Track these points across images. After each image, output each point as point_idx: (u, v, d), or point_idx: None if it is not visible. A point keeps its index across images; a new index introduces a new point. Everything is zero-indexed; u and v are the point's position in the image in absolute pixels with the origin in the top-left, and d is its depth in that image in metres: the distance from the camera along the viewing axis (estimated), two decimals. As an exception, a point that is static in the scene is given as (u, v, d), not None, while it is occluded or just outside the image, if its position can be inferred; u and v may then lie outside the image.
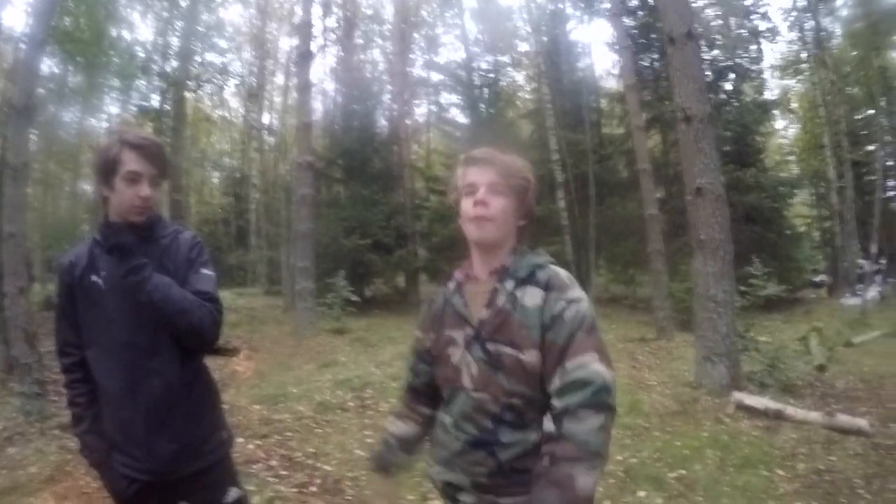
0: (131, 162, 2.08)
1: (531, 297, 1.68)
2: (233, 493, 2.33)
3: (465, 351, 1.74)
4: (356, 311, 13.66)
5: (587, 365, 1.57)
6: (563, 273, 1.74)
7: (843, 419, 5.62)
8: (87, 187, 20.30)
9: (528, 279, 1.71)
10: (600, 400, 1.55)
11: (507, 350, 1.66)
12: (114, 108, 20.65)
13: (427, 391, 1.98)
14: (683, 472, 4.64)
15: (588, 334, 1.62)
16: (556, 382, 1.60)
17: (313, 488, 4.43)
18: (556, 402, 1.58)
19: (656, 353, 10.16)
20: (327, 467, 4.84)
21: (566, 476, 1.49)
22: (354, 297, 13.55)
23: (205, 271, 2.25)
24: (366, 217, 16.82)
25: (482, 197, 1.72)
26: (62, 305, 2.23)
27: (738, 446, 5.14)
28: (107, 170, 2.10)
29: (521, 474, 1.66)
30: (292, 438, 5.49)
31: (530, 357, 1.64)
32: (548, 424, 1.60)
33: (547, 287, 1.68)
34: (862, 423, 5.51)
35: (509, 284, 1.72)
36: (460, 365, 1.75)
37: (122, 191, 2.09)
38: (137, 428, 2.11)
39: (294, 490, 4.17)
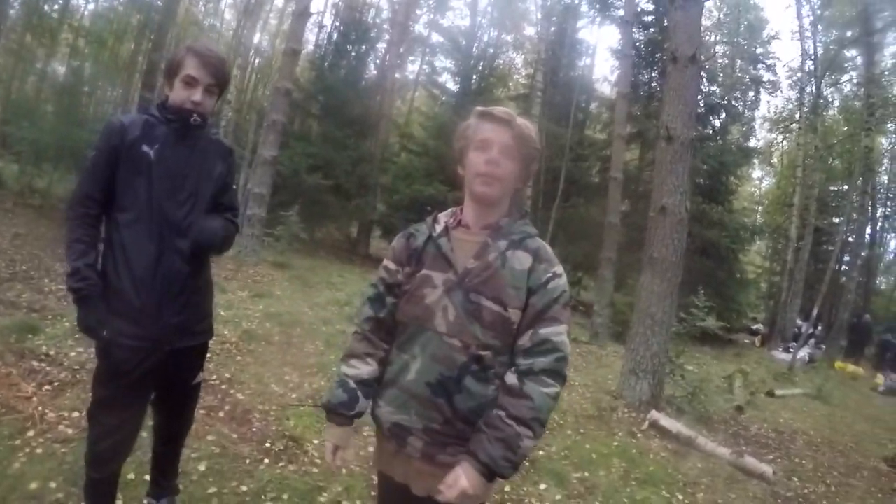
0: (191, 67, 2.30)
1: (520, 261, 1.77)
2: (200, 376, 2.69)
3: (445, 294, 1.77)
4: (302, 250, 13.50)
5: (558, 335, 1.73)
6: (548, 247, 1.85)
7: (750, 461, 5.72)
8: (61, 67, 19.41)
9: (519, 243, 1.79)
10: (561, 369, 1.73)
11: (491, 304, 1.73)
12: (104, -9, 19.75)
13: (391, 326, 1.95)
14: (587, 474, 4.68)
15: (563, 308, 1.77)
16: (525, 342, 1.73)
17: (221, 414, 4.35)
18: (522, 361, 1.72)
19: (585, 356, 10.25)
20: (240, 395, 4.76)
21: (515, 436, 1.66)
22: (303, 235, 13.35)
23: (233, 185, 2.64)
24: (333, 158, 16.51)
25: (495, 157, 1.77)
26: (98, 162, 2.31)
27: (645, 462, 5.20)
28: (170, 71, 2.36)
29: (471, 426, 1.73)
30: (210, 360, 5.33)
31: (513, 315, 1.73)
32: (510, 377, 1.73)
33: (536, 256, 1.78)
34: (766, 469, 5.62)
35: (502, 244, 1.79)
36: (435, 307, 1.77)
37: (178, 91, 2.33)
38: (152, 295, 2.31)
39: (202, 412, 4.05)
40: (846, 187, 23.53)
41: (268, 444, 4.00)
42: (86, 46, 19.75)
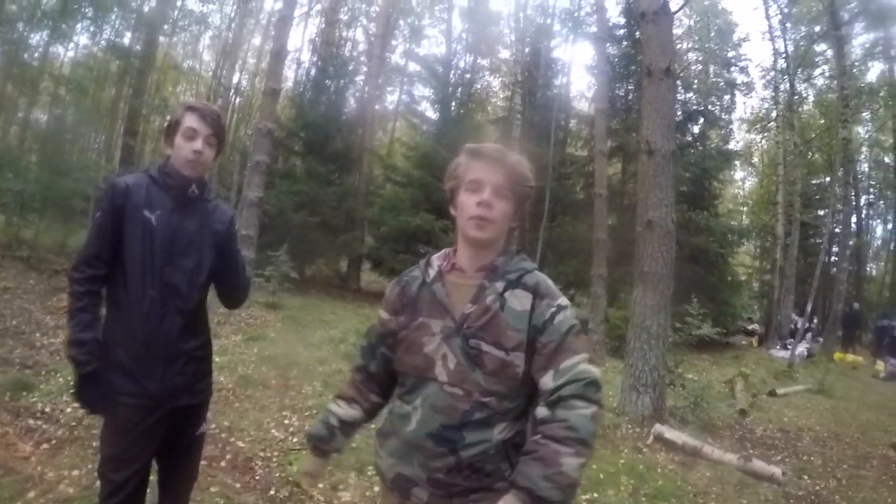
0: (190, 121, 2.40)
1: (519, 300, 1.71)
2: (203, 427, 2.72)
3: (443, 342, 1.71)
4: (293, 289, 13.44)
5: (578, 364, 1.64)
6: (548, 280, 1.78)
7: (758, 465, 5.73)
8: (42, 116, 19.47)
9: (517, 282, 1.73)
10: (591, 394, 1.61)
11: (492, 349, 1.66)
12: (83, 39, 19.82)
13: (381, 378, 1.94)
14: (596, 495, 4.66)
15: (576, 338, 1.69)
16: (548, 382, 1.63)
17: (223, 463, 4.31)
18: (550, 397, 1.61)
19: None
20: (241, 443, 4.71)
21: (552, 453, 1.53)
22: (294, 274, 13.31)
23: (238, 247, 2.72)
24: (318, 195, 16.51)
25: (487, 199, 1.71)
26: (104, 222, 2.37)
27: (653, 477, 5.20)
28: (169, 130, 2.46)
29: (478, 474, 1.67)
30: (209, 409, 5.33)
31: (514, 359, 1.66)
32: (540, 410, 1.63)
33: (536, 293, 1.71)
34: (776, 470, 5.63)
35: (499, 285, 1.73)
36: (434, 356, 1.72)
37: (180, 146, 2.41)
38: (155, 357, 2.36)
39: (203, 462, 4.02)
40: (828, 179, 23.75)
41: (272, 492, 3.96)
42: (67, 94, 19.82)
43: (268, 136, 12.22)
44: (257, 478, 4.17)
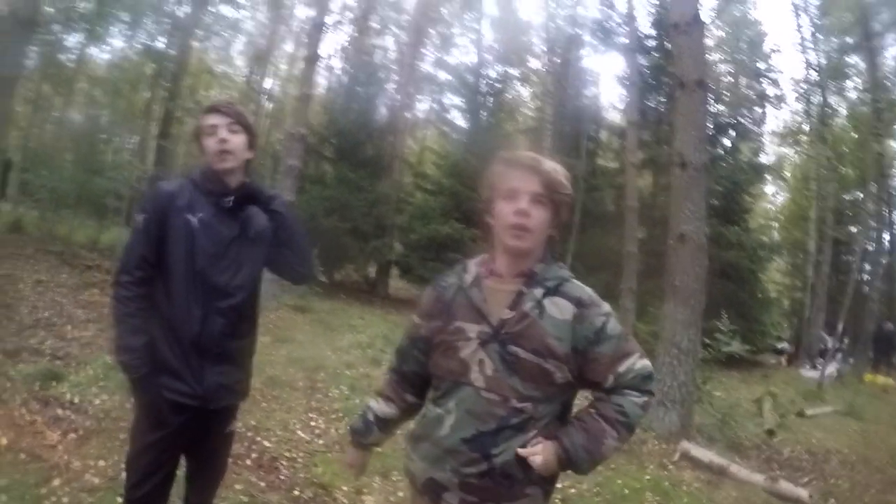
0: (209, 119, 2.47)
1: (560, 309, 1.73)
2: (233, 424, 2.78)
3: (480, 347, 1.72)
4: (322, 293, 13.54)
5: (634, 364, 1.75)
6: (587, 288, 1.81)
7: (785, 486, 5.63)
8: (77, 116, 19.86)
9: (556, 290, 1.75)
10: (645, 386, 1.76)
11: (531, 356, 1.67)
12: (118, 42, 20.21)
13: (415, 379, 1.98)
14: (621, 510, 4.61)
15: (627, 340, 1.78)
16: (610, 383, 1.74)
17: (248, 461, 4.33)
18: (608, 386, 1.75)
19: None
20: (266, 443, 4.75)
21: (600, 430, 1.70)
22: (323, 278, 13.41)
23: (292, 222, 2.68)
24: (349, 201, 16.63)
25: (524, 207, 1.71)
26: (148, 226, 2.43)
27: (678, 495, 5.14)
28: (196, 136, 2.54)
29: (509, 480, 1.69)
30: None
31: (552, 366, 1.68)
32: (597, 394, 1.79)
33: (579, 303, 1.74)
34: (802, 493, 5.53)
35: (537, 291, 1.74)
36: (470, 360, 1.72)
37: (207, 145, 2.46)
38: (195, 358, 2.41)
39: (229, 459, 4.06)
40: (861, 195, 23.29)
41: (296, 492, 3.99)
42: (102, 95, 20.16)
43: (300, 141, 12.35)
44: (282, 477, 4.20)
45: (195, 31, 19.54)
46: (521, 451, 1.67)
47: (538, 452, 1.67)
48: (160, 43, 19.36)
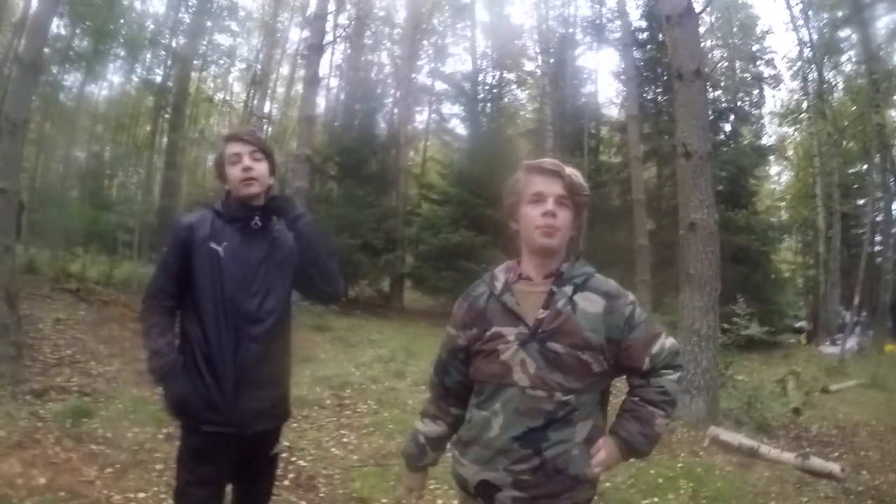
0: (231, 148, 2.49)
1: (591, 303, 1.83)
2: (279, 447, 2.77)
3: (520, 348, 1.79)
4: (338, 311, 13.60)
5: (664, 343, 1.87)
6: (612, 281, 1.93)
7: (816, 462, 5.65)
8: (81, 154, 20.07)
9: (584, 285, 1.85)
10: (676, 362, 1.88)
11: (570, 350, 1.76)
12: (116, 78, 20.45)
13: (459, 390, 2.03)
14: (656, 499, 4.67)
15: (652, 323, 1.91)
16: (645, 364, 1.84)
17: (286, 482, 4.37)
18: (645, 369, 1.85)
19: None
20: (302, 462, 4.80)
21: (649, 414, 1.82)
22: (339, 296, 13.46)
23: (317, 237, 2.63)
24: (357, 217, 16.79)
25: (552, 209, 1.82)
26: (168, 259, 2.50)
27: (712, 480, 5.16)
28: (219, 165, 2.57)
29: (561, 475, 1.76)
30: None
31: (590, 358, 1.77)
32: (635, 380, 1.89)
33: (607, 296, 1.85)
34: (834, 467, 5.54)
35: (567, 289, 1.83)
36: (511, 362, 1.79)
37: (231, 173, 2.48)
38: (228, 385, 2.40)
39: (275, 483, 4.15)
40: (866, 167, 23.25)
41: (338, 509, 4.03)
42: (104, 131, 20.29)
43: (306, 161, 12.47)
44: (321, 495, 4.25)
45: (192, 61, 19.65)
46: (593, 462, 1.81)
47: (601, 449, 1.82)
48: (158, 75, 19.56)
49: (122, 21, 15.42)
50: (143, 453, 4.44)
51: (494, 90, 23.92)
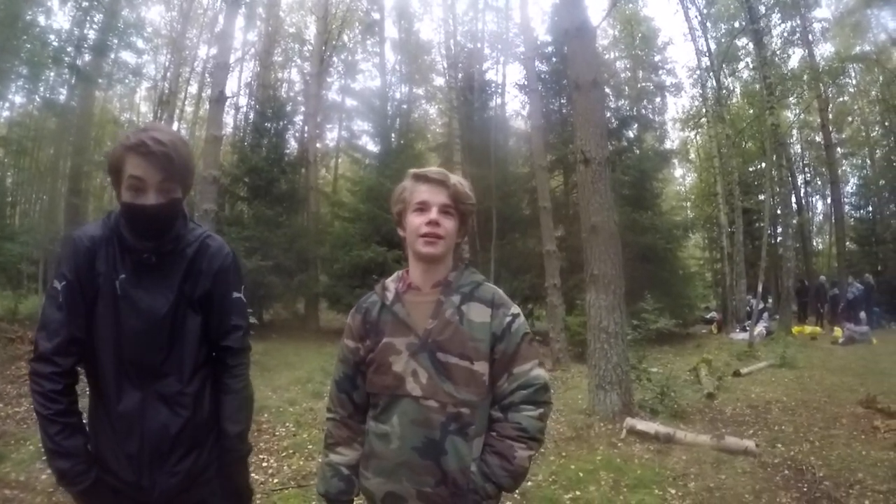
0: (132, 166, 1.80)
1: (477, 312, 1.84)
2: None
3: (411, 358, 1.81)
4: (253, 335, 13.02)
5: (530, 371, 1.85)
6: (499, 290, 1.94)
7: (732, 441, 5.95)
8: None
9: (472, 295, 1.87)
10: (539, 398, 1.84)
11: (458, 361, 1.79)
12: (18, 98, 19.33)
13: (367, 405, 1.96)
14: (578, 493, 4.77)
15: (529, 345, 1.88)
16: (503, 385, 1.84)
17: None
18: (504, 401, 1.84)
19: (552, 383, 10.17)
20: (220, 490, 4.68)
21: (508, 448, 1.79)
22: (253, 320, 13.20)
23: (236, 294, 2.06)
24: (268, 238, 16.50)
25: (435, 217, 1.84)
26: (70, 295, 1.83)
27: (631, 468, 5.33)
28: (112, 174, 1.88)
29: (461, 490, 1.78)
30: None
31: (480, 367, 1.80)
32: (495, 413, 1.85)
33: (493, 304, 1.87)
34: (749, 443, 5.85)
35: (455, 298, 1.86)
36: (404, 373, 1.81)
37: (126, 199, 1.84)
38: (140, 458, 1.88)
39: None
40: (763, 165, 24.59)
41: (262, 532, 3.96)
42: (5, 155, 19.25)
43: (213, 183, 12.14)
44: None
45: (97, 79, 18.79)
46: None
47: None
48: (61, 94, 18.55)
49: (24, 37, 14.54)
50: (59, 494, 4.25)
51: (404, 106, 24.07)
